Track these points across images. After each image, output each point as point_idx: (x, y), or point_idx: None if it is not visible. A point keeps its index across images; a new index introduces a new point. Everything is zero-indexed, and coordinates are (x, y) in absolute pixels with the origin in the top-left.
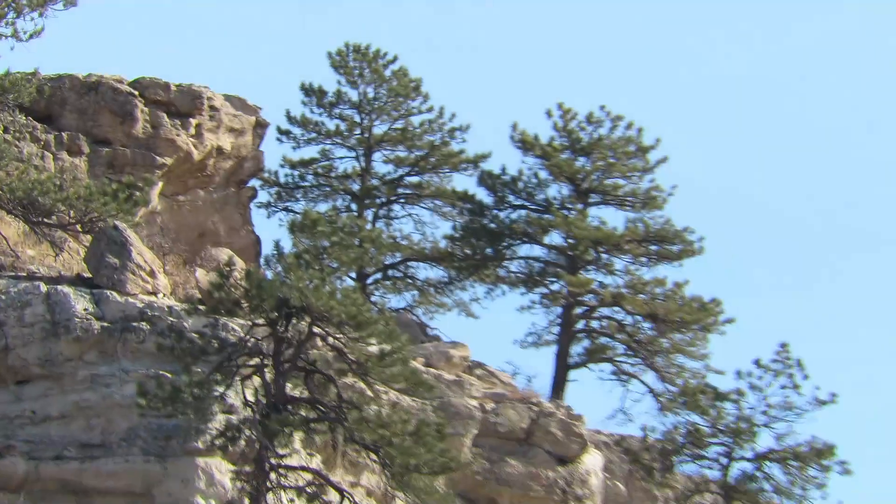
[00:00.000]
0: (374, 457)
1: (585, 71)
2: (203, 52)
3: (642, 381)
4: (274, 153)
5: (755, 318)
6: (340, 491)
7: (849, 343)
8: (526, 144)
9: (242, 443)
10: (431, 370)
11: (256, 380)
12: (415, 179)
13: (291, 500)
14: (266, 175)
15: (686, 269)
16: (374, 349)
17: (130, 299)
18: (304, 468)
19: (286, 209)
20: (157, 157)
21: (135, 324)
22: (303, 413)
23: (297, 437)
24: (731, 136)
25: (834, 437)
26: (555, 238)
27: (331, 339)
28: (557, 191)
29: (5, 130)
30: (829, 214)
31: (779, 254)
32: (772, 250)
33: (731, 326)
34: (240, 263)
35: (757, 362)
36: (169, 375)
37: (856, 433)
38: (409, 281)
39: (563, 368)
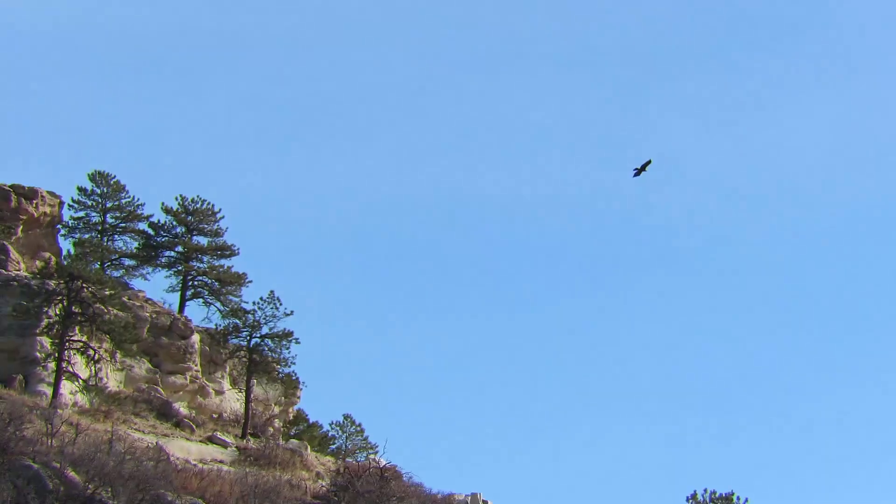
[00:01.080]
0: (107, 336)
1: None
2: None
3: (216, 307)
4: (67, 213)
5: (267, 279)
6: (94, 349)
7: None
8: (166, 211)
9: (55, 330)
10: (130, 302)
11: (60, 305)
12: (123, 225)
13: (75, 354)
14: (63, 222)
15: (240, 264)
16: (107, 293)
17: (11, 272)
18: (79, 340)
19: (70, 237)
20: (20, 216)
21: (13, 283)
22: (79, 318)
23: (77, 328)
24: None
25: (291, 327)
26: (178, 248)
27: (90, 288)
28: (180, 230)
29: None
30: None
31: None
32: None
33: (253, 285)
34: (53, 258)
35: (261, 298)
36: (24, 303)
37: (307, 335)
38: (121, 265)
39: (182, 303)
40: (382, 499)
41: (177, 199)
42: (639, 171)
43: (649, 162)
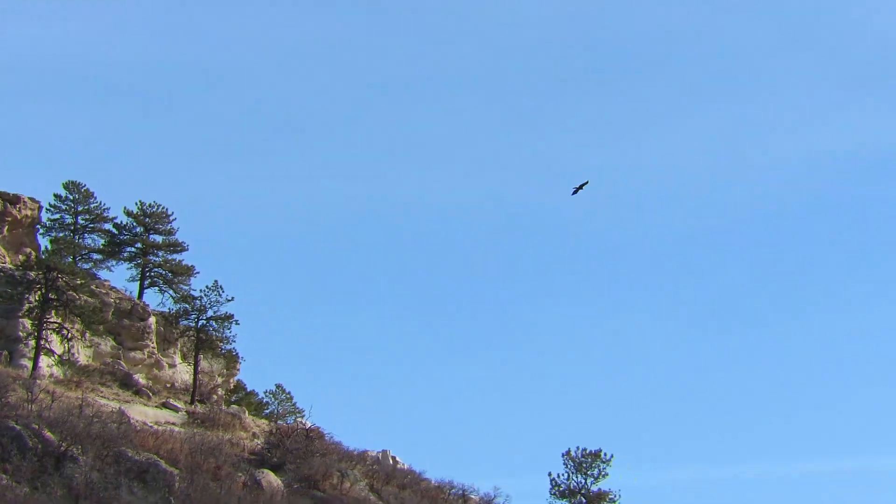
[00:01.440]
0: (78, 318)
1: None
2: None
3: (169, 294)
4: (45, 215)
5: (212, 270)
6: (67, 329)
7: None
8: (128, 214)
9: (34, 313)
10: (97, 289)
11: (39, 292)
12: (92, 225)
13: (51, 333)
14: (42, 223)
15: (189, 258)
16: (79, 282)
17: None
18: (55, 321)
19: (47, 235)
20: (5, 217)
21: (1, 273)
22: (55, 303)
23: (53, 311)
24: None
25: (231, 310)
26: (138, 245)
27: (64, 278)
28: (139, 230)
29: None
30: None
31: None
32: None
33: (201, 275)
34: (33, 253)
35: (207, 287)
36: (9, 290)
37: (245, 317)
38: (90, 259)
39: (141, 290)
40: (308, 455)
41: (137, 204)
42: (577, 190)
43: (586, 182)
